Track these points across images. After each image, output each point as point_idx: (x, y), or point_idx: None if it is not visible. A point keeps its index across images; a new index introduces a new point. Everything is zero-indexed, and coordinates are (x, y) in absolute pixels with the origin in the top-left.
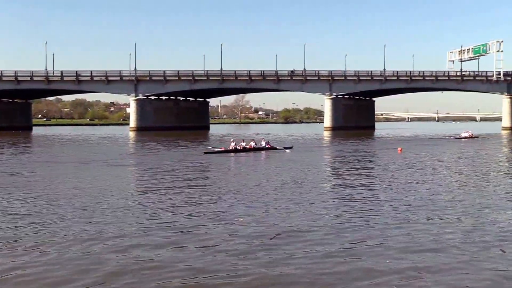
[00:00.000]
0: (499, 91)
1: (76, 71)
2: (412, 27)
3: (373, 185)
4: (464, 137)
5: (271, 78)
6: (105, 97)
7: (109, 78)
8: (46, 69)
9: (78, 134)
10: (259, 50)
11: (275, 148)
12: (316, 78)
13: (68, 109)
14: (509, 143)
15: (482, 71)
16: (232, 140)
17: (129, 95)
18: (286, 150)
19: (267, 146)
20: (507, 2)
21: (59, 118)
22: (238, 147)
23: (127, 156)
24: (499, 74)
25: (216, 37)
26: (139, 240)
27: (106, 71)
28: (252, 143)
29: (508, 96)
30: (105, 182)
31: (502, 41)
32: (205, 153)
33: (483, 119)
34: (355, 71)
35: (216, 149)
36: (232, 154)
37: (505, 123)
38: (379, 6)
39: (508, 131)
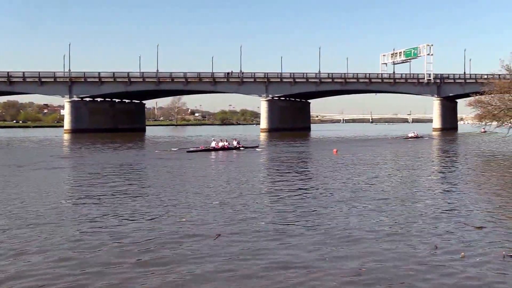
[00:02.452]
0: (429, 93)
1: (8, 72)
2: (346, 30)
3: (309, 186)
4: (411, 137)
5: (208, 80)
6: (38, 99)
7: (43, 79)
8: None
9: (10, 136)
10: (196, 51)
11: (245, 147)
12: (252, 80)
13: (0, 111)
14: (445, 141)
15: (413, 74)
16: (213, 139)
17: (63, 96)
18: (256, 149)
19: (238, 146)
20: (437, 7)
21: None
22: (216, 146)
23: (60, 158)
24: (430, 76)
25: (152, 38)
26: (73, 247)
27: (39, 72)
28: (226, 143)
29: (438, 98)
30: (38, 186)
31: (432, 45)
32: (188, 152)
33: (415, 121)
34: (290, 73)
35: (192, 149)
36: (213, 153)
37: (436, 124)
38: (313, 8)
39: (438, 132)
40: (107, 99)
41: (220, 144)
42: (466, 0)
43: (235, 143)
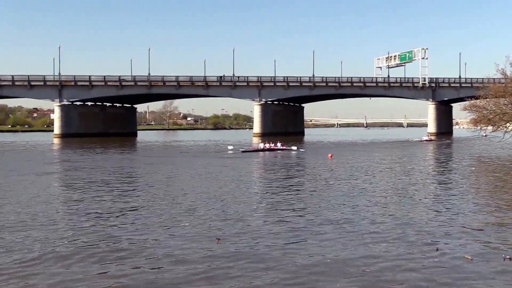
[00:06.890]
0: (424, 97)
1: None
2: (340, 34)
3: (306, 191)
4: (426, 140)
5: (200, 84)
6: (27, 103)
7: (32, 83)
8: None
9: None
10: (188, 55)
11: (287, 149)
12: (245, 83)
13: None
14: (452, 146)
15: (408, 78)
16: (261, 141)
17: (53, 100)
18: (300, 150)
19: (282, 147)
20: (432, 11)
21: None
22: (264, 147)
23: (50, 164)
24: (425, 80)
25: (144, 41)
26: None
27: (28, 76)
28: (272, 144)
29: (433, 102)
30: (31, 191)
31: (427, 49)
32: (243, 151)
33: (410, 125)
34: (284, 77)
35: (242, 150)
36: (261, 153)
37: (431, 128)
38: (307, 11)
39: (433, 137)
40: (97, 103)
41: (267, 145)
42: (462, 4)
43: (279, 144)
